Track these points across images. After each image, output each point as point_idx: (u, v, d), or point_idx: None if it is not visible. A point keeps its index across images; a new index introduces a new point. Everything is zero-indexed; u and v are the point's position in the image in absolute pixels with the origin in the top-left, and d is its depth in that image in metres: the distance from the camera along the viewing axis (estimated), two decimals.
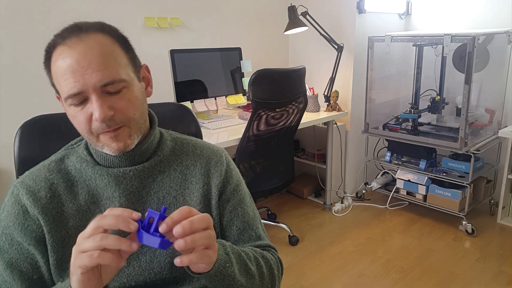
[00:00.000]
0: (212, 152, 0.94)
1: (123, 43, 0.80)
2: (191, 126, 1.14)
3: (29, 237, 0.79)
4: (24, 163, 0.96)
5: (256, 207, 1.00)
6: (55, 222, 0.80)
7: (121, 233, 0.64)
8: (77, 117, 0.77)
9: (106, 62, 0.74)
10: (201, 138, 1.08)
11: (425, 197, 2.77)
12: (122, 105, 0.77)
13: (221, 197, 0.91)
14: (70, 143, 0.91)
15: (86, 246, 0.63)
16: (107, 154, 0.83)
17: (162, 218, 0.66)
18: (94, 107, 0.74)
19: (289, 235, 2.58)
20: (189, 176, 0.90)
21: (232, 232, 0.92)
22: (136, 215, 0.65)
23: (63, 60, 0.74)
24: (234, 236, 0.92)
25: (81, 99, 0.75)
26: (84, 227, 0.81)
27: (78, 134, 0.92)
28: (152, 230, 0.65)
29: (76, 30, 0.76)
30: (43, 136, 1.00)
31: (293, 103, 2.27)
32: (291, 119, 2.34)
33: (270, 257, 0.91)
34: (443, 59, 2.79)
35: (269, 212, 2.89)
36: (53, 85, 0.80)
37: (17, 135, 0.99)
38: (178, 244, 0.65)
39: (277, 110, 2.21)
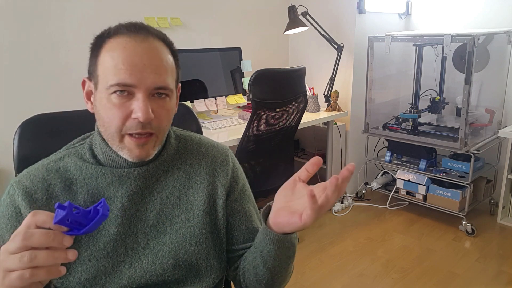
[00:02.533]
0: (217, 150, 0.93)
1: (176, 58, 0.83)
2: (192, 125, 1.14)
3: None
4: (23, 162, 0.95)
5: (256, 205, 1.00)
6: None
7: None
8: (113, 110, 0.75)
9: (164, 68, 0.77)
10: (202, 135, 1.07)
11: (425, 197, 2.77)
12: (161, 113, 0.77)
13: (229, 197, 0.90)
14: (71, 142, 0.89)
15: (13, 265, 0.56)
16: (116, 155, 0.80)
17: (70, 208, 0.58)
18: (140, 105, 0.74)
19: None
20: (193, 175, 0.88)
21: (241, 232, 0.91)
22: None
23: (124, 50, 0.74)
24: (244, 235, 0.91)
25: (126, 91, 0.74)
26: None
27: (78, 134, 0.91)
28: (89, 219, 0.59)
29: (144, 29, 0.78)
30: (43, 135, 1.00)
31: (293, 103, 2.27)
32: (291, 119, 2.34)
33: None
34: (443, 59, 2.79)
35: None
36: (92, 70, 0.78)
37: (16, 134, 0.98)
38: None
39: (277, 110, 2.21)
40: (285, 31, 2.85)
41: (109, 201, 0.81)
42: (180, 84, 0.88)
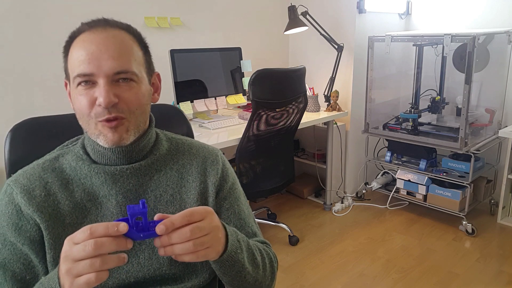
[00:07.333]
0: (208, 151, 0.96)
1: (143, 45, 0.85)
2: (183, 127, 1.14)
3: (23, 237, 0.79)
4: (15, 166, 0.94)
5: (250, 206, 1.01)
6: (51, 219, 0.80)
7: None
8: (79, 98, 0.78)
9: (122, 52, 0.78)
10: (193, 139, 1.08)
11: (425, 197, 2.77)
12: (127, 96, 0.79)
13: (218, 195, 0.93)
14: (64, 143, 0.91)
15: (84, 270, 0.62)
16: (104, 150, 0.83)
17: (145, 214, 0.66)
18: (100, 91, 0.76)
19: (289, 235, 2.58)
20: (186, 175, 0.91)
21: None
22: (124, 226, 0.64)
23: (83, 42, 0.78)
24: None
25: (89, 81, 0.77)
26: (81, 224, 0.81)
27: (70, 136, 0.92)
28: (146, 229, 0.66)
29: (103, 22, 0.81)
30: (34, 139, 0.99)
31: (293, 103, 2.27)
32: (291, 119, 2.34)
33: (268, 251, 0.94)
34: (443, 59, 2.79)
35: (269, 212, 2.88)
36: (65, 70, 0.83)
37: (7, 138, 0.97)
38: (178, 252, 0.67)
39: (277, 110, 2.21)
40: (285, 31, 2.85)
41: (104, 199, 0.84)
42: (157, 72, 0.91)
